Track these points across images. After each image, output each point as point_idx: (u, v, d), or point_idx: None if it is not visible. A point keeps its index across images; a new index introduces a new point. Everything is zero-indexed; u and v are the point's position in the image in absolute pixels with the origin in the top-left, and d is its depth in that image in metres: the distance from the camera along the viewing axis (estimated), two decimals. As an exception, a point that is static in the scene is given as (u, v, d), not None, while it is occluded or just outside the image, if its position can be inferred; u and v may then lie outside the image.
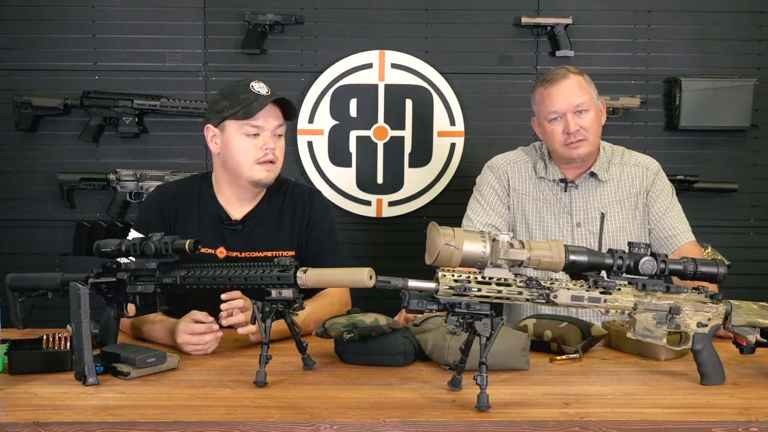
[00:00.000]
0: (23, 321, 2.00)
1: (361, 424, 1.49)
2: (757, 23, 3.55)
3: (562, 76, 2.44)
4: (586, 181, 2.50)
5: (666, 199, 2.51)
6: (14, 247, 3.51)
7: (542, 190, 2.52)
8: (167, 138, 3.55)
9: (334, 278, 1.69)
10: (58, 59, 3.50)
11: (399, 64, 3.53)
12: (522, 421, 1.50)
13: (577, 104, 2.40)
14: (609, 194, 2.49)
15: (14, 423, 1.47)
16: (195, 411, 1.54)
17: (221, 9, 3.52)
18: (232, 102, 2.19)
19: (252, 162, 2.20)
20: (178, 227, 2.25)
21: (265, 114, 2.19)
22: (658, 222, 2.49)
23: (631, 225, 2.48)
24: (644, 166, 2.53)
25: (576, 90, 2.42)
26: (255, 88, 2.19)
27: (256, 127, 2.19)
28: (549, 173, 2.51)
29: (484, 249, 1.57)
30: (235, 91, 2.21)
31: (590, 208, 2.49)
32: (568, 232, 2.48)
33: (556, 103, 2.42)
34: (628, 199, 2.49)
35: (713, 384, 1.72)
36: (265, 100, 2.17)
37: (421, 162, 3.57)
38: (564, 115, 2.41)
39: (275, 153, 2.21)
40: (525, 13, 3.50)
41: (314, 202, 2.35)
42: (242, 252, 2.24)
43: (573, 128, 2.39)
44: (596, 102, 2.46)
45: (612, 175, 2.51)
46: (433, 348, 1.86)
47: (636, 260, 1.66)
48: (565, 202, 2.50)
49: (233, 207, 2.29)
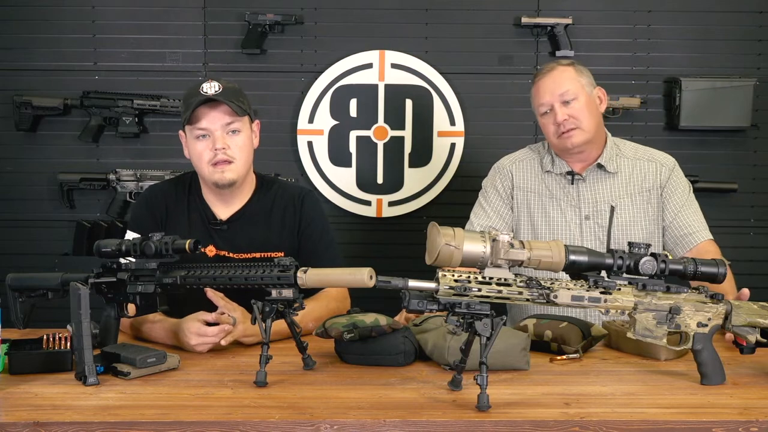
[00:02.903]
0: (23, 321, 2.00)
1: (361, 424, 1.49)
2: (757, 23, 3.55)
3: (549, 69, 2.45)
4: (594, 173, 2.48)
5: (682, 196, 2.48)
6: (14, 247, 3.51)
7: (549, 185, 2.51)
8: (167, 138, 3.54)
9: (334, 278, 1.69)
10: (58, 59, 3.50)
11: (399, 64, 3.53)
12: (522, 421, 1.50)
13: (562, 93, 2.39)
14: (619, 187, 2.47)
15: (14, 423, 1.47)
16: (195, 411, 1.54)
17: (221, 9, 3.52)
18: (185, 106, 2.20)
19: (207, 164, 2.19)
20: (169, 226, 2.25)
21: (208, 114, 2.16)
22: (674, 219, 2.46)
23: (643, 219, 2.45)
24: (659, 162, 2.51)
25: (561, 80, 2.41)
26: (204, 89, 2.16)
27: (202, 129, 2.18)
28: (556, 167, 2.51)
29: (484, 249, 1.57)
30: (189, 94, 2.21)
31: (599, 201, 2.47)
32: (576, 225, 2.46)
33: (543, 95, 2.43)
34: (639, 193, 2.47)
35: (713, 384, 1.72)
36: (199, 102, 2.14)
37: (421, 162, 3.57)
38: (551, 106, 2.41)
39: (229, 152, 2.18)
40: (525, 13, 3.50)
41: (305, 202, 2.34)
42: (230, 252, 2.24)
43: (560, 118, 2.39)
44: (588, 89, 2.44)
45: (622, 167, 2.49)
46: (433, 348, 1.86)
47: (636, 260, 1.66)
48: (572, 195, 2.48)
49: (218, 207, 2.29)
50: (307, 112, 3.54)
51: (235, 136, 2.20)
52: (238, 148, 2.20)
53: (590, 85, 2.45)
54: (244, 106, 2.20)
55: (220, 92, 2.16)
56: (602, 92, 2.50)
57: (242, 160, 2.21)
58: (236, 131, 2.20)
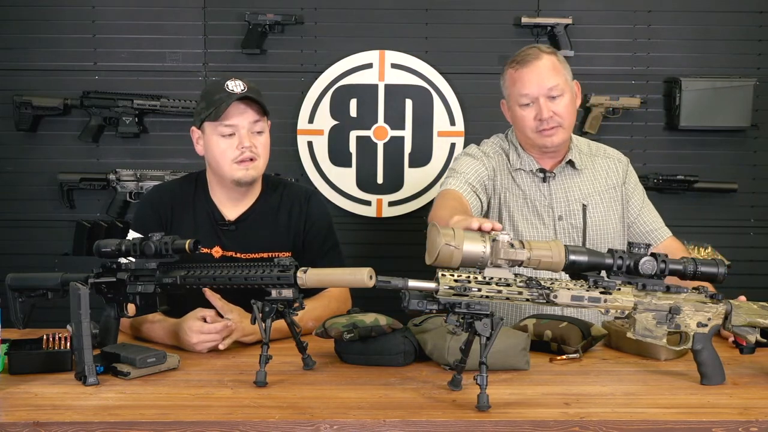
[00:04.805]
0: (23, 321, 2.00)
1: (361, 424, 1.49)
2: (757, 23, 3.55)
3: (534, 56, 2.25)
4: (564, 171, 2.34)
5: (641, 194, 2.44)
6: (14, 247, 3.51)
7: (520, 184, 2.34)
8: (167, 138, 3.55)
9: (334, 278, 1.69)
10: (58, 59, 3.50)
11: (399, 64, 3.53)
12: (522, 421, 1.50)
13: (551, 87, 2.22)
14: (588, 185, 2.36)
15: (14, 423, 1.47)
16: (195, 411, 1.54)
17: (221, 9, 3.52)
18: (208, 103, 2.20)
19: (230, 162, 2.19)
20: (174, 227, 2.25)
21: (238, 112, 2.18)
22: (638, 217, 2.41)
23: (613, 218, 2.36)
24: (616, 159, 2.43)
25: (549, 72, 2.23)
26: (229, 87, 2.17)
27: (230, 127, 2.19)
28: (524, 164, 2.33)
29: (484, 249, 1.57)
30: (212, 91, 2.21)
31: (571, 200, 2.33)
32: (550, 226, 2.31)
33: (528, 86, 2.24)
34: (606, 191, 2.37)
35: (713, 384, 1.72)
36: (231, 99, 2.15)
37: (421, 162, 3.57)
38: (536, 99, 2.23)
39: (254, 150, 2.20)
40: (525, 13, 3.50)
41: (311, 202, 2.35)
42: (237, 252, 2.24)
43: (546, 114, 2.22)
44: (571, 84, 2.29)
45: (586, 164, 2.37)
46: (433, 348, 1.86)
47: (636, 260, 1.66)
48: (545, 195, 2.33)
49: (226, 207, 2.29)
50: (307, 112, 3.54)
51: (260, 135, 2.23)
52: (262, 147, 2.23)
53: (571, 77, 2.31)
54: (266, 107, 2.23)
55: (249, 91, 2.18)
56: (578, 86, 2.34)
57: (264, 159, 2.25)
58: (261, 131, 2.23)
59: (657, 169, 3.52)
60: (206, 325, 1.94)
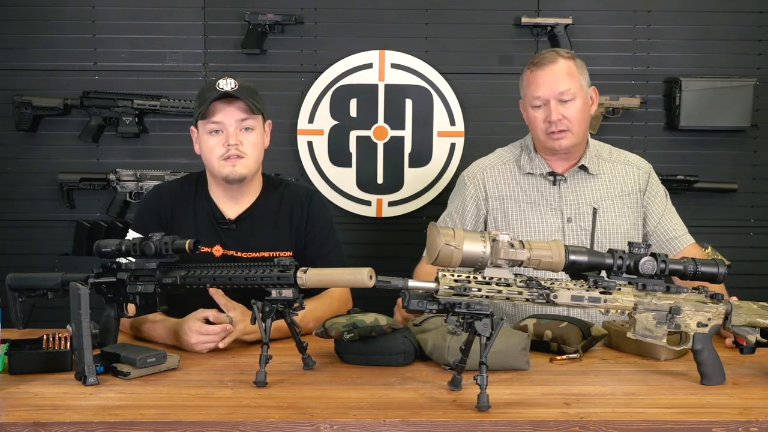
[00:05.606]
0: (23, 321, 2.00)
1: (361, 424, 1.49)
2: (757, 23, 3.54)
3: (551, 60, 2.31)
4: (576, 175, 2.39)
5: (663, 201, 2.46)
6: (14, 247, 3.51)
7: (526, 189, 2.40)
8: (167, 138, 3.55)
9: (334, 278, 1.69)
10: (58, 59, 3.50)
11: (399, 64, 3.53)
12: (522, 421, 1.50)
13: (562, 91, 2.28)
14: (601, 189, 2.40)
15: (14, 423, 1.48)
16: (195, 411, 1.54)
17: (221, 9, 3.52)
18: (200, 102, 2.22)
19: (217, 159, 2.21)
20: (175, 226, 2.25)
21: (224, 109, 2.19)
22: (659, 224, 2.43)
23: (625, 222, 2.39)
24: (636, 166, 2.46)
25: (563, 76, 2.29)
26: (220, 85, 2.18)
27: (216, 124, 2.20)
28: (536, 167, 2.40)
29: (484, 249, 1.57)
30: (204, 89, 2.24)
31: (581, 203, 2.37)
32: (558, 228, 2.36)
33: (540, 88, 2.30)
34: (620, 197, 2.40)
35: (713, 384, 1.72)
36: (214, 97, 2.16)
37: (421, 162, 3.57)
38: (547, 102, 2.29)
39: (241, 148, 2.20)
40: (525, 13, 3.50)
41: (312, 202, 2.35)
42: (238, 251, 2.24)
43: (555, 117, 2.27)
44: (585, 90, 2.34)
45: (603, 170, 2.42)
46: (433, 348, 1.86)
47: (636, 260, 1.66)
48: (554, 197, 2.38)
49: (226, 206, 2.29)
50: (307, 112, 3.54)
51: (248, 133, 2.22)
52: (251, 145, 2.22)
53: (587, 83, 2.36)
54: (258, 105, 2.22)
55: (236, 89, 2.18)
56: (595, 92, 2.41)
57: (253, 156, 2.23)
58: (249, 129, 2.22)
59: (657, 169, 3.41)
60: (206, 326, 1.95)
